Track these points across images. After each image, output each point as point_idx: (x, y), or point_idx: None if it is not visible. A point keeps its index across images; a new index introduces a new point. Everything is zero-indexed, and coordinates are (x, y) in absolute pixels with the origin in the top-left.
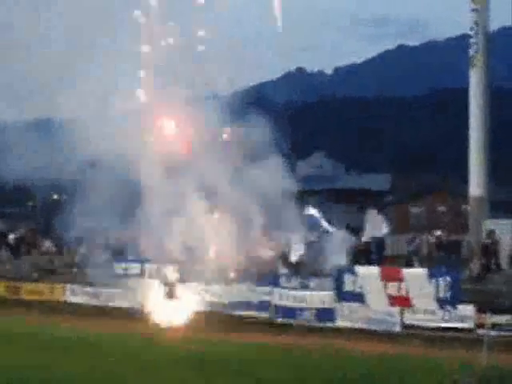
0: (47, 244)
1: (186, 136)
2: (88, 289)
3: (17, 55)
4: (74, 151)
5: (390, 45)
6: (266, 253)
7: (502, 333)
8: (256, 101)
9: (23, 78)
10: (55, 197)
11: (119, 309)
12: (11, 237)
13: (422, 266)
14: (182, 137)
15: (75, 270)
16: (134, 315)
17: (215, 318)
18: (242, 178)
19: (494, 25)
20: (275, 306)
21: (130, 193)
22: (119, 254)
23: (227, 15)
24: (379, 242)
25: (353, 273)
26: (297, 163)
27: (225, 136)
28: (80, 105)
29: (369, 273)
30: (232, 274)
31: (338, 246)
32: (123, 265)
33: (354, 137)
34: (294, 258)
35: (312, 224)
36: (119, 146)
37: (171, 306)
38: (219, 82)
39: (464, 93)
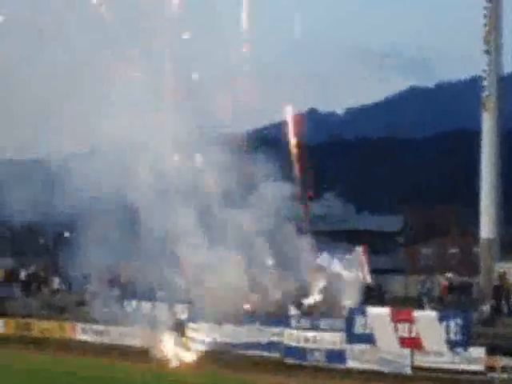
0: (57, 281)
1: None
2: (98, 327)
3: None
4: (77, 189)
5: (403, 86)
6: (278, 293)
7: None
8: (268, 141)
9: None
10: (66, 234)
11: (129, 347)
12: (22, 274)
13: (432, 307)
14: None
15: (85, 307)
16: (144, 353)
17: (225, 358)
18: (254, 219)
19: (508, 67)
20: (286, 346)
21: (140, 230)
22: (129, 290)
23: (240, 53)
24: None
25: (364, 314)
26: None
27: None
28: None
29: (379, 314)
30: (243, 314)
31: (349, 288)
32: (133, 302)
33: (365, 177)
34: (306, 302)
35: (323, 267)
36: (120, 183)
37: (181, 344)
38: (229, 120)
39: (476, 135)
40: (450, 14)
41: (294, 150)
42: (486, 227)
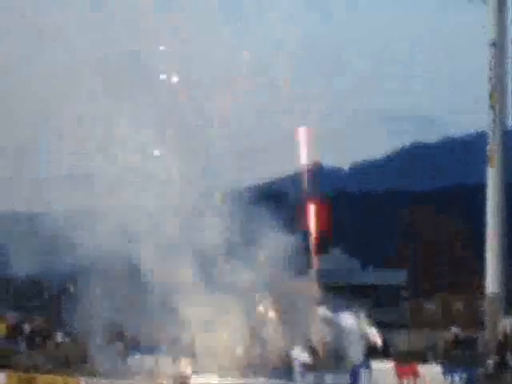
0: (61, 335)
1: None
2: (102, 381)
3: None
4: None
5: (407, 141)
6: (280, 346)
7: None
8: (272, 196)
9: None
10: (71, 289)
11: None
12: (26, 328)
13: (437, 362)
14: None
15: (89, 361)
16: None
17: None
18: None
19: None
20: None
21: (142, 284)
22: (133, 344)
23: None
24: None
25: (368, 368)
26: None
27: None
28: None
29: (384, 368)
30: (246, 368)
31: (353, 342)
32: (137, 357)
33: (371, 232)
34: (309, 358)
35: (326, 322)
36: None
37: None
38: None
39: (481, 189)
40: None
41: (304, 204)
42: (492, 282)
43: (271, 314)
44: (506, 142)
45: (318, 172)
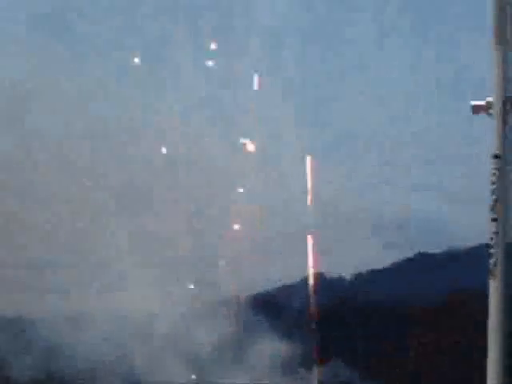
0: None
1: None
2: None
3: None
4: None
5: (410, 252)
6: None
7: None
8: (271, 306)
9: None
10: None
11: None
12: None
13: None
14: None
15: None
16: None
17: None
18: None
19: None
20: None
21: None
22: None
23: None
24: None
25: None
26: (314, 370)
27: None
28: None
29: None
30: None
31: None
32: None
33: (373, 345)
34: None
35: None
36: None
37: None
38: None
39: (483, 299)
40: (457, 181)
41: (306, 314)
42: (493, 379)
43: None
44: (508, 255)
45: (320, 281)
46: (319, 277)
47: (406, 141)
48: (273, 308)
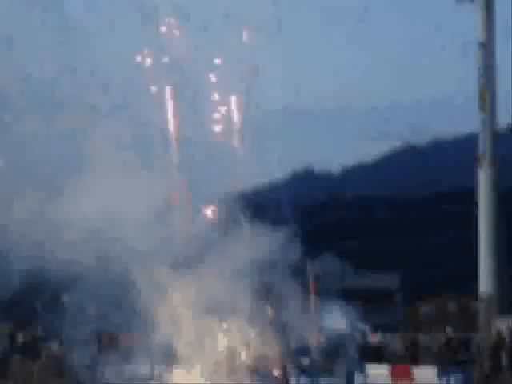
0: (56, 346)
1: None
2: None
3: None
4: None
5: (397, 144)
6: (276, 353)
7: None
8: (262, 202)
9: None
10: (65, 298)
11: None
12: (20, 339)
13: (432, 364)
14: None
15: (85, 372)
16: None
17: None
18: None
19: (502, 123)
20: None
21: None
22: (128, 354)
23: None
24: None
25: (363, 372)
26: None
27: None
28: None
29: (379, 372)
30: (242, 374)
31: (348, 345)
32: (132, 366)
33: (363, 236)
34: (305, 362)
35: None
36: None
37: None
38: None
39: (473, 192)
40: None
41: (290, 210)
42: (485, 283)
43: (266, 319)
44: (495, 144)
45: (309, 177)
46: (308, 173)
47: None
48: (260, 205)
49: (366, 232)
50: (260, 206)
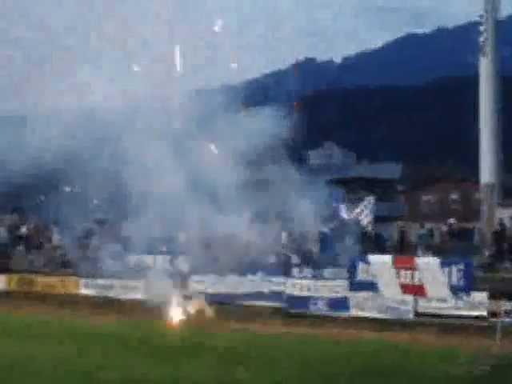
0: (59, 237)
1: None
2: (101, 281)
3: None
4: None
5: (399, 33)
6: (277, 244)
7: None
8: (264, 90)
9: None
10: (67, 189)
11: (132, 301)
12: (23, 230)
13: (429, 254)
14: None
15: (87, 262)
16: (147, 307)
17: (228, 309)
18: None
19: (505, 11)
20: (288, 296)
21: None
22: (131, 245)
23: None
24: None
25: (366, 262)
26: (308, 153)
27: None
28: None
29: (382, 261)
30: (244, 265)
31: (351, 235)
32: (135, 256)
33: (364, 126)
34: (307, 248)
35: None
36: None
37: (184, 297)
38: (229, 71)
39: (474, 80)
40: None
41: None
42: (486, 172)
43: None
44: (497, 32)
45: (311, 67)
46: (310, 62)
47: None
48: (262, 93)
49: (366, 121)
50: (266, 91)
